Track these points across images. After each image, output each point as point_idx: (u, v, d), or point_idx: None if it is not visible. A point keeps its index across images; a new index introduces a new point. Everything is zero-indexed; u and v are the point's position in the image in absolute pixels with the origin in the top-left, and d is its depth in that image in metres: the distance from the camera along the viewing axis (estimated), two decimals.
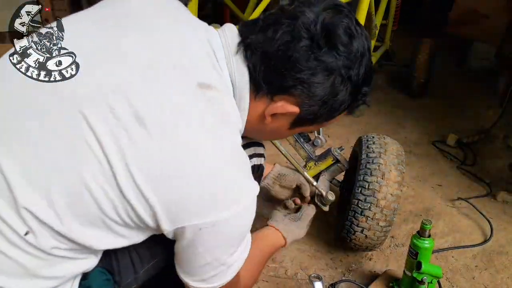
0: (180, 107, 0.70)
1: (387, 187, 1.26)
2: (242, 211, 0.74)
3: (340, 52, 0.75)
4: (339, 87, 0.78)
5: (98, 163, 0.67)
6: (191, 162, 0.68)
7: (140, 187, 0.67)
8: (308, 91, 0.76)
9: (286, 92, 0.77)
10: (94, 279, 0.82)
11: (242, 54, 0.77)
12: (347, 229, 1.32)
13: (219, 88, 0.75)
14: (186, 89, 0.71)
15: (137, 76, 0.70)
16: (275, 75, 0.76)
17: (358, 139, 1.46)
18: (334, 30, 0.75)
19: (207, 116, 0.71)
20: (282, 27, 0.75)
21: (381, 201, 1.26)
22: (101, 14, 0.79)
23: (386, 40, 2.95)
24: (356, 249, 1.42)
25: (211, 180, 0.70)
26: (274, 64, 0.75)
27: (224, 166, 0.72)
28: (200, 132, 0.70)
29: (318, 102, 0.78)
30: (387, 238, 1.38)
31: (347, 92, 0.79)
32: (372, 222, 1.27)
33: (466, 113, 2.80)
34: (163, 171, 0.67)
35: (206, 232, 0.72)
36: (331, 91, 0.77)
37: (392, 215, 1.28)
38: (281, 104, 0.78)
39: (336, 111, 0.82)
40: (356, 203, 1.29)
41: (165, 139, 0.67)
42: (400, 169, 1.30)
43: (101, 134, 0.66)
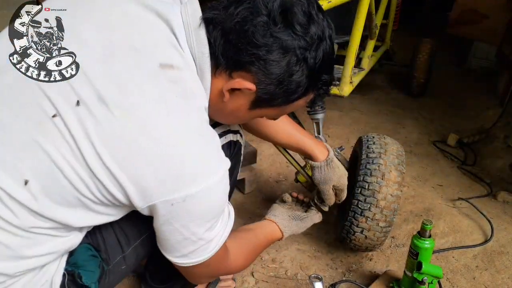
0: (141, 87, 0.71)
1: (387, 188, 1.26)
2: (212, 185, 0.76)
3: (296, 32, 0.76)
4: (294, 67, 0.78)
5: (66, 143, 0.69)
6: (154, 139, 0.70)
7: (108, 166, 0.69)
8: (264, 68, 0.77)
9: (243, 67, 0.78)
10: (79, 255, 0.84)
11: (203, 29, 0.79)
12: (347, 229, 1.32)
13: (181, 67, 0.76)
14: (147, 70, 0.73)
15: (97, 58, 0.72)
16: (232, 50, 0.77)
17: (359, 139, 1.46)
18: (291, 8, 0.76)
19: (169, 95, 0.73)
20: (244, 4, 0.76)
21: (381, 202, 1.26)
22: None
23: (386, 40, 2.95)
24: (356, 250, 1.42)
25: (176, 156, 0.71)
26: (232, 38, 0.76)
27: (188, 141, 0.73)
28: (162, 110, 0.71)
29: (274, 81, 0.79)
30: (387, 238, 1.38)
31: (303, 74, 0.80)
32: (372, 223, 1.27)
33: (466, 113, 2.80)
34: (128, 149, 0.69)
35: (178, 208, 0.74)
36: (286, 70, 0.78)
37: (392, 215, 1.28)
38: (238, 80, 0.79)
39: (293, 93, 0.83)
40: (356, 203, 1.28)
41: (127, 118, 0.69)
42: (400, 170, 1.30)
43: (65, 112, 0.69)
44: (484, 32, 3.18)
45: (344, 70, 1.88)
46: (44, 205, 0.71)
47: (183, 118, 0.74)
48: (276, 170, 2.04)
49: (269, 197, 1.84)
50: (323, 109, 1.43)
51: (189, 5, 0.81)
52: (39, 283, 0.79)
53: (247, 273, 1.40)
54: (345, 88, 1.91)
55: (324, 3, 1.54)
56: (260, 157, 2.04)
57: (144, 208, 0.75)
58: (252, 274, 1.40)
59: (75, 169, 0.70)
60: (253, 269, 1.42)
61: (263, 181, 1.96)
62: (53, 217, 0.73)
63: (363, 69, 2.26)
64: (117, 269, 0.92)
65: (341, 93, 1.91)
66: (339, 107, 2.77)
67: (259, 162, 2.01)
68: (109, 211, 0.79)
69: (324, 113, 1.45)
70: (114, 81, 0.70)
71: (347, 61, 1.86)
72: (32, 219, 0.72)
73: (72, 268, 0.83)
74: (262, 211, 1.73)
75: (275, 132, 1.21)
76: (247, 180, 1.82)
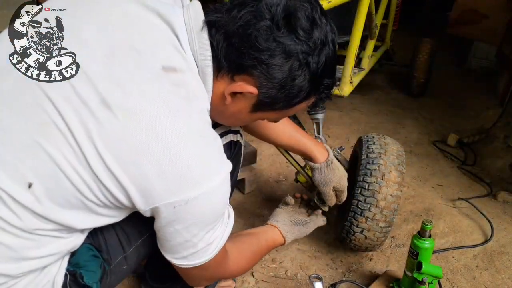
0: (143, 88, 0.71)
1: (387, 188, 1.26)
2: (214, 188, 0.76)
3: (299, 36, 0.76)
4: (296, 71, 0.78)
5: (69, 145, 0.69)
6: (156, 142, 0.70)
7: (111, 168, 0.69)
8: (266, 72, 0.77)
9: (245, 71, 0.78)
10: (81, 255, 0.85)
11: (206, 32, 0.79)
12: (346, 229, 1.32)
13: (184, 70, 0.76)
14: (148, 71, 0.73)
15: (97, 58, 0.72)
16: (235, 53, 0.77)
17: (359, 139, 1.46)
18: (294, 13, 0.76)
19: (172, 97, 0.73)
20: (247, 7, 0.76)
21: (381, 202, 1.26)
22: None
23: (386, 40, 2.95)
24: (356, 250, 1.42)
25: (177, 159, 0.71)
26: (235, 41, 0.76)
27: (190, 144, 0.73)
28: (165, 113, 0.71)
29: (276, 85, 0.79)
30: (387, 238, 1.38)
31: (305, 78, 0.80)
32: (372, 223, 1.27)
33: (466, 113, 2.80)
34: (131, 152, 0.69)
35: (180, 210, 0.74)
36: (289, 74, 0.78)
37: (392, 216, 1.28)
38: (240, 83, 0.79)
39: (295, 97, 0.83)
40: (356, 203, 1.28)
41: (130, 120, 0.69)
42: (400, 170, 1.30)
43: (67, 115, 0.68)
44: (484, 32, 3.18)
45: (344, 70, 1.88)
46: (48, 207, 0.71)
47: (185, 120, 0.74)
48: (276, 170, 2.04)
49: (269, 197, 1.84)
50: (324, 109, 1.44)
51: (191, 7, 0.81)
52: (41, 284, 0.79)
53: (247, 273, 1.40)
54: (345, 88, 1.91)
55: (324, 3, 1.55)
56: (260, 157, 2.04)
57: (146, 211, 0.75)
58: (252, 274, 1.40)
59: (78, 171, 0.69)
60: (253, 269, 1.42)
61: (263, 181, 1.96)
62: (56, 220, 0.73)
63: (363, 69, 2.26)
64: (118, 269, 0.92)
65: (341, 93, 1.91)
66: (339, 107, 2.77)
67: (259, 162, 2.02)
68: (111, 213, 0.79)
69: (324, 113, 1.45)
70: (115, 82, 0.70)
71: (347, 61, 1.86)
72: (36, 221, 0.72)
73: (74, 268, 0.83)
74: (262, 211, 1.73)
75: (275, 134, 1.21)
76: (247, 180, 1.82)
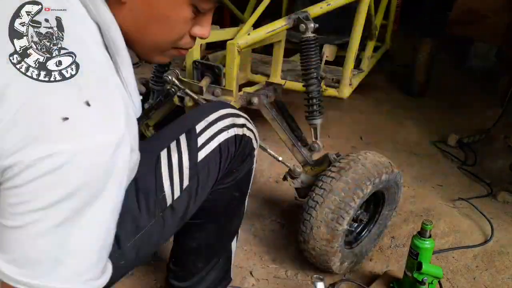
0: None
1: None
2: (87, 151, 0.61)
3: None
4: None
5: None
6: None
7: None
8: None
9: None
10: None
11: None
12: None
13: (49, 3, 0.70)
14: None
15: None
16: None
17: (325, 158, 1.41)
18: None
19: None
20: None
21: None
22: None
23: (386, 40, 2.95)
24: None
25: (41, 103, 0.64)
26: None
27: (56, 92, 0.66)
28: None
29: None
30: (387, 238, 1.36)
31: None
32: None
33: (466, 113, 2.80)
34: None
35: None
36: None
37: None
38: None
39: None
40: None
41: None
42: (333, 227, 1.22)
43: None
44: (484, 32, 3.18)
45: (343, 72, 1.87)
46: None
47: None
48: (276, 170, 2.04)
49: (269, 197, 1.84)
50: (322, 115, 1.45)
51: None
52: None
53: (247, 273, 1.40)
54: (344, 90, 1.90)
55: (323, 5, 1.54)
56: (260, 157, 2.03)
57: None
58: (252, 274, 1.40)
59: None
60: (253, 268, 1.42)
61: (263, 181, 1.96)
62: None
63: (362, 70, 2.26)
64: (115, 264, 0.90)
65: (340, 95, 1.91)
66: (339, 107, 2.77)
67: (259, 162, 2.01)
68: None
69: (322, 118, 1.46)
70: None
71: (346, 62, 1.85)
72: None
73: None
74: (262, 211, 1.73)
75: None
76: None
